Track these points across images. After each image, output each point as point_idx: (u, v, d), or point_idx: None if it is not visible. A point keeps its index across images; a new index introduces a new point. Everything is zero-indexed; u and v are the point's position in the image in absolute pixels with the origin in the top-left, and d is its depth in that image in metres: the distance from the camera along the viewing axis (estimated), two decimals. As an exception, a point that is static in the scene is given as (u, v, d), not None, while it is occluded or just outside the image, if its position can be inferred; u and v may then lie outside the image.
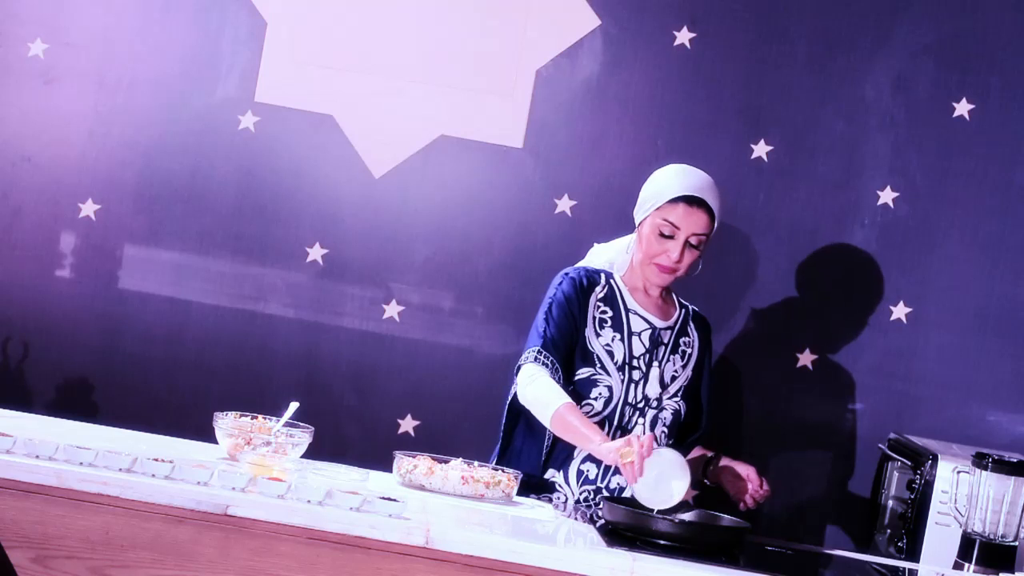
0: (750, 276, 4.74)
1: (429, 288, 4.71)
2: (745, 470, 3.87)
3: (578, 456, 3.84)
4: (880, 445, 4.56)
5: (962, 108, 4.73)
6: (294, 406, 3.69)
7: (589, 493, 3.84)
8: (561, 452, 3.86)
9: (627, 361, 3.88)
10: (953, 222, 4.74)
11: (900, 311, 4.74)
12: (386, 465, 3.76)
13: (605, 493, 3.82)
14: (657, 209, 3.88)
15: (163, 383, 4.66)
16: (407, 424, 4.69)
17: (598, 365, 3.85)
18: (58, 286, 4.65)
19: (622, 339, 3.89)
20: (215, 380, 4.65)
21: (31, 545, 3.09)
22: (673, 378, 3.93)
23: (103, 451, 3.17)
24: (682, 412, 3.93)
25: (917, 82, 4.74)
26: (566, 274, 3.94)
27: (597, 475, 3.84)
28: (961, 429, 4.70)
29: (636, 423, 3.86)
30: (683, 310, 4.02)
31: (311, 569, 3.12)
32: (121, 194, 4.67)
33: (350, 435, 4.67)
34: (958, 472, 3.87)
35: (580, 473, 3.84)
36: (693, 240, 3.87)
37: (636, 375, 3.88)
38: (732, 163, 4.72)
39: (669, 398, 3.91)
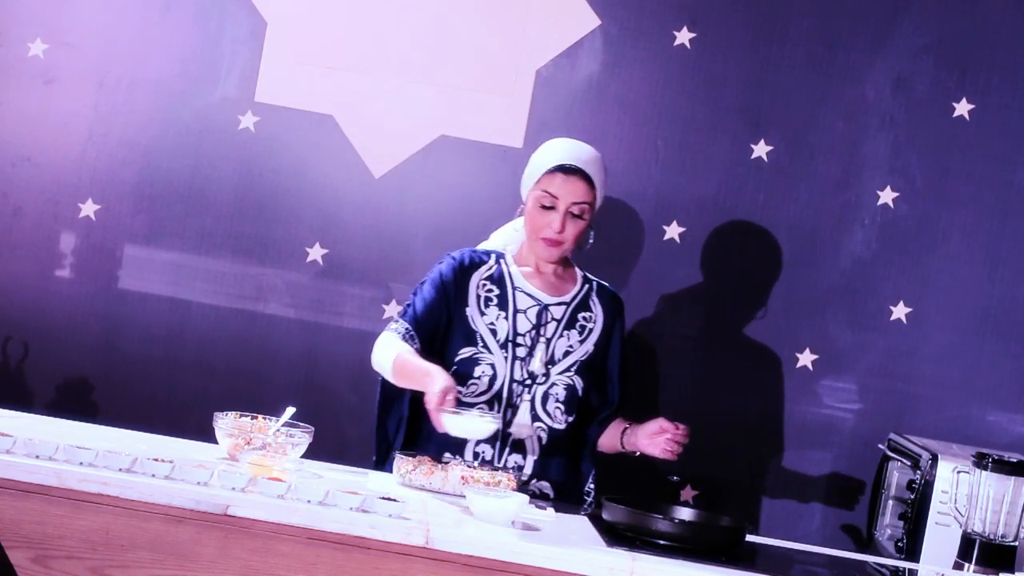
0: (749, 276, 4.73)
1: (429, 288, 4.70)
2: (656, 424, 3.84)
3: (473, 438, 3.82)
4: (880, 445, 4.56)
5: (962, 108, 4.73)
6: (290, 411, 3.69)
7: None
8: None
9: (511, 338, 3.86)
10: (953, 222, 4.75)
11: (900, 311, 4.74)
12: (386, 465, 3.76)
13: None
14: (537, 182, 3.88)
15: (163, 383, 4.66)
16: (407, 424, 4.69)
17: (480, 344, 3.84)
18: (58, 286, 4.65)
19: (507, 317, 3.87)
20: (215, 380, 4.65)
21: (31, 545, 3.09)
22: (566, 353, 3.90)
23: (103, 451, 3.17)
24: (578, 388, 3.89)
25: (917, 82, 4.74)
26: (449, 254, 3.95)
27: (493, 455, 3.83)
28: (961, 429, 4.70)
29: (524, 400, 3.84)
30: (585, 285, 3.99)
31: (311, 569, 3.12)
32: (121, 194, 4.67)
33: (350, 435, 4.67)
34: (958, 472, 3.87)
35: (476, 455, 3.83)
36: (575, 210, 3.85)
37: (520, 351, 3.86)
38: (732, 163, 4.72)
39: (560, 373, 3.88)
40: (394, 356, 3.76)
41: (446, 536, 3.14)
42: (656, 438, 3.83)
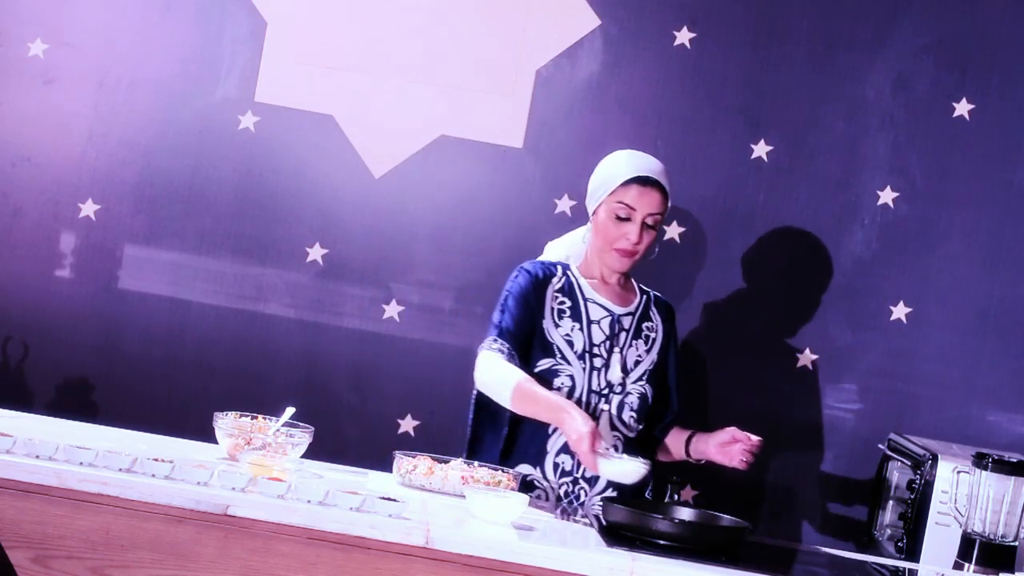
0: (749, 276, 4.74)
1: (429, 288, 4.71)
2: (728, 434, 3.87)
3: (552, 449, 3.84)
4: (880, 445, 4.56)
5: (962, 108, 4.73)
6: (290, 411, 3.69)
7: (568, 485, 3.84)
8: (532, 446, 3.85)
9: (587, 349, 3.88)
10: (953, 222, 4.75)
11: (900, 311, 4.74)
12: (386, 465, 3.76)
13: (582, 483, 3.82)
14: (611, 193, 3.90)
15: (163, 383, 4.66)
16: (407, 424, 4.70)
17: (558, 355, 3.86)
18: (58, 286, 4.65)
19: (581, 328, 3.90)
20: (215, 380, 4.65)
21: (31, 545, 3.09)
22: (637, 362, 3.94)
23: (103, 451, 3.17)
24: (649, 396, 3.93)
25: (917, 82, 4.74)
26: (522, 267, 3.95)
27: (573, 466, 3.85)
28: (961, 429, 4.70)
29: (601, 410, 3.86)
30: (644, 296, 4.04)
31: (311, 569, 3.12)
32: (121, 194, 4.67)
33: (350, 435, 4.67)
34: (958, 472, 3.87)
35: (556, 466, 3.85)
36: (649, 220, 3.89)
37: (597, 362, 3.89)
38: (732, 163, 4.72)
39: (633, 382, 3.91)
40: (514, 383, 3.72)
41: (446, 536, 3.14)
42: (728, 448, 3.87)
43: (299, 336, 4.69)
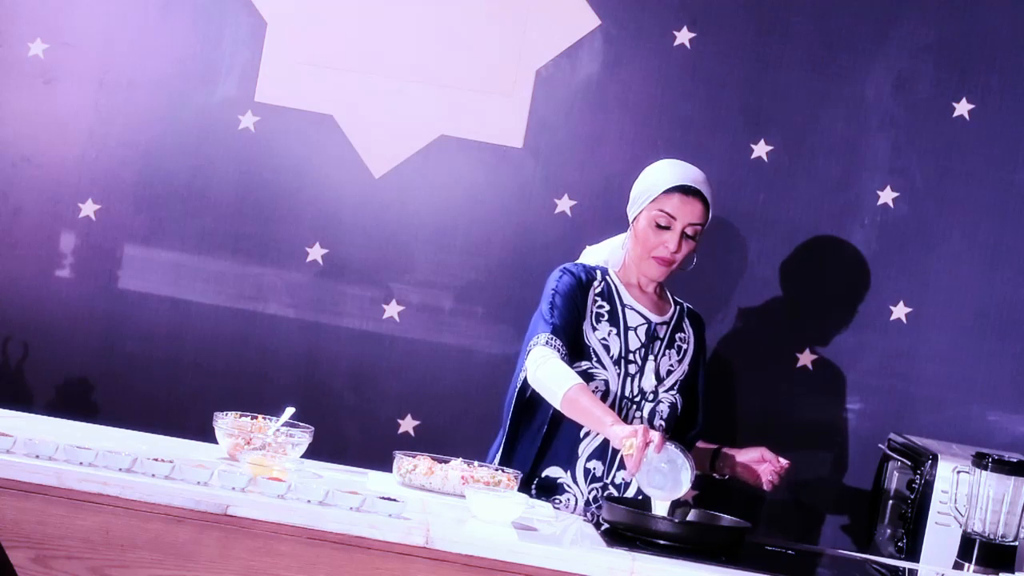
0: (750, 276, 4.74)
1: (429, 288, 4.71)
2: (758, 452, 3.92)
3: (583, 454, 3.85)
4: (880, 445, 4.56)
5: (962, 108, 4.73)
6: (290, 411, 3.69)
7: (597, 491, 3.85)
8: (564, 450, 3.86)
9: (623, 355, 3.89)
10: (953, 222, 4.75)
11: (900, 311, 4.74)
12: (386, 465, 3.76)
13: (611, 489, 3.82)
14: (653, 201, 3.90)
15: (163, 383, 4.66)
16: (407, 424, 4.70)
17: (594, 359, 3.86)
18: (58, 286, 4.65)
19: (618, 333, 3.90)
20: (215, 380, 4.65)
21: (31, 545, 3.09)
22: (669, 372, 3.95)
23: (103, 451, 3.17)
24: (679, 406, 3.94)
25: (917, 82, 4.74)
26: (566, 269, 3.94)
27: (603, 471, 3.85)
28: (961, 429, 4.70)
29: (633, 417, 3.86)
30: (677, 307, 4.04)
31: (311, 569, 3.12)
32: (121, 194, 4.67)
33: (350, 435, 4.67)
34: (958, 472, 3.88)
35: (587, 471, 3.85)
36: (689, 231, 3.89)
37: (632, 369, 3.89)
38: (732, 163, 4.72)
39: (665, 391, 3.92)
40: (569, 386, 3.68)
41: (446, 536, 3.15)
42: (756, 466, 3.91)
43: (299, 336, 4.69)
